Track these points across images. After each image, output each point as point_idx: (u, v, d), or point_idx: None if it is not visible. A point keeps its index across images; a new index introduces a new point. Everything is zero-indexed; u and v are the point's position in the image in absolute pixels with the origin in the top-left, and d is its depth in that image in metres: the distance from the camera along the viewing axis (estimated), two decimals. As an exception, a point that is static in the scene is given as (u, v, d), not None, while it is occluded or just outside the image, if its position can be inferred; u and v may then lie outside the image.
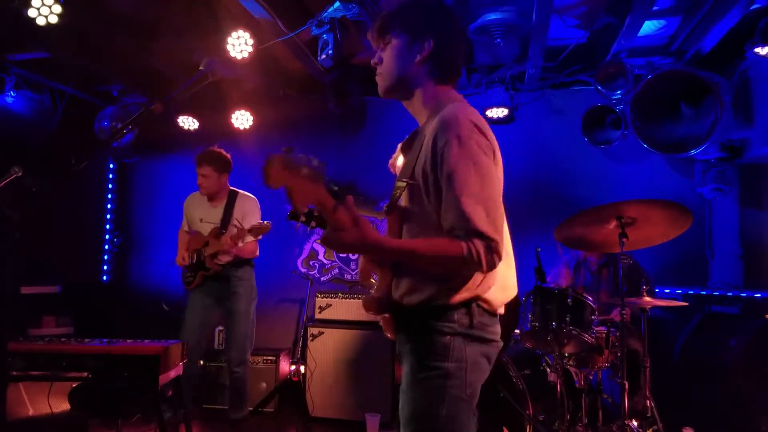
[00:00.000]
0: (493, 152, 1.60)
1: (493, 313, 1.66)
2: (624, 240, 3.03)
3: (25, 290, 4.66)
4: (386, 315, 1.72)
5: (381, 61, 1.76)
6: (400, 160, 1.95)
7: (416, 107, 1.77)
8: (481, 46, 4.53)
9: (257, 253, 4.27)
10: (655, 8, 3.70)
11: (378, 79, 1.78)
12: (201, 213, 4.23)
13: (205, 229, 4.14)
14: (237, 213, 4.15)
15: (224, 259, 4.07)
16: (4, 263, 1.66)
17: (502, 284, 1.67)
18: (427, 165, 1.59)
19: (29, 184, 3.60)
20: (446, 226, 1.54)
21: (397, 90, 1.76)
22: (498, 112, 4.87)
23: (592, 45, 4.45)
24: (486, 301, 1.63)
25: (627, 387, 3.02)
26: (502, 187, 1.63)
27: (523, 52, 4.61)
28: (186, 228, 4.35)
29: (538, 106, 5.03)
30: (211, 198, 4.22)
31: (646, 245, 3.29)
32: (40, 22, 3.38)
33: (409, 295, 1.63)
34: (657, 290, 4.20)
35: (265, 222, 3.96)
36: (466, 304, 1.60)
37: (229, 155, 4.28)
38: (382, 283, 1.70)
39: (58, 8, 3.35)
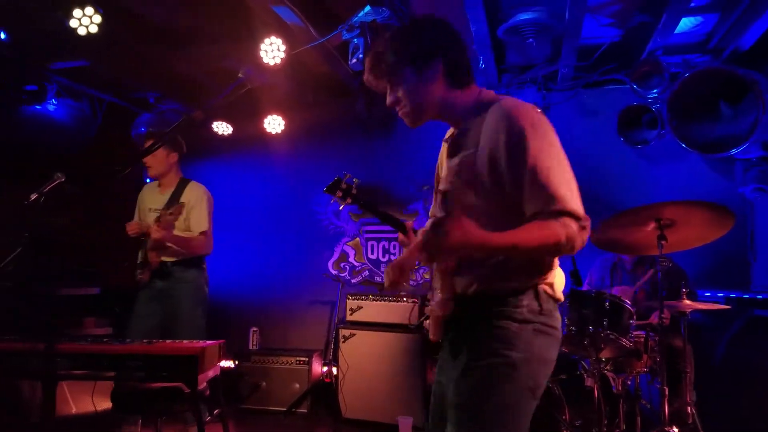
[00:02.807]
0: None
1: (556, 300, 1.66)
2: (663, 242, 2.98)
3: (66, 292, 4.79)
4: (439, 314, 1.69)
5: (397, 100, 1.74)
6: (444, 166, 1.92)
7: (453, 116, 1.76)
8: (512, 46, 4.50)
9: (207, 250, 3.89)
10: (691, 5, 3.63)
11: (402, 115, 1.77)
12: (150, 202, 3.94)
13: (152, 218, 3.76)
14: (184, 201, 3.77)
15: (168, 256, 3.76)
16: (53, 267, 1.71)
17: (559, 270, 1.69)
18: (497, 156, 1.57)
19: (71, 189, 3.72)
20: (533, 211, 1.52)
21: (427, 117, 1.77)
22: (530, 113, 4.82)
23: (626, 43, 4.38)
24: (551, 285, 1.64)
25: (667, 393, 2.96)
26: None
27: (555, 52, 4.56)
28: (137, 219, 4.03)
29: (572, 106, 4.97)
30: (161, 184, 3.94)
31: (685, 248, 3.22)
32: (81, 32, 3.48)
33: (475, 285, 1.63)
34: (698, 293, 4.11)
35: (182, 202, 3.65)
36: (534, 287, 1.61)
37: (180, 137, 3.94)
38: (447, 281, 1.67)
39: (98, 18, 3.45)
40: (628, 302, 3.17)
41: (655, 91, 4.26)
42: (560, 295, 1.68)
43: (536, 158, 1.51)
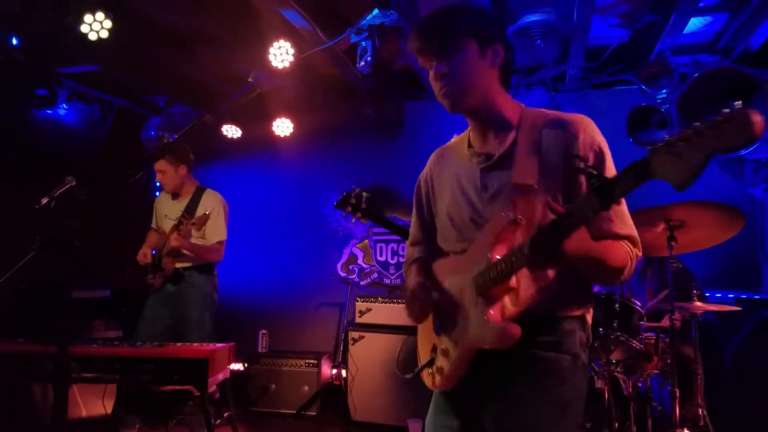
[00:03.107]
0: None
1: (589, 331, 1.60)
2: (672, 243, 2.97)
3: (76, 295, 4.82)
4: (496, 345, 1.42)
5: (447, 72, 1.53)
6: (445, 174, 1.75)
7: (491, 116, 1.60)
8: (520, 47, 4.49)
9: (218, 257, 3.98)
10: (700, 5, 3.60)
11: (445, 93, 1.56)
12: (167, 209, 4.05)
13: (169, 226, 3.91)
14: (201, 209, 3.88)
15: (182, 261, 3.84)
16: (65, 270, 1.73)
17: None
18: (567, 169, 1.47)
19: (82, 193, 3.75)
20: (614, 232, 1.47)
21: (469, 103, 1.57)
22: (538, 114, 4.82)
23: (635, 44, 4.36)
24: (591, 314, 1.59)
25: (678, 395, 2.94)
26: None
27: (563, 53, 4.55)
28: (154, 225, 4.18)
29: (580, 107, 4.95)
30: (176, 195, 4.03)
31: (695, 249, 3.21)
32: (92, 37, 3.50)
33: (530, 308, 1.47)
34: (707, 294, 4.09)
35: (207, 212, 3.70)
36: (584, 316, 1.55)
37: (186, 146, 4.00)
38: (501, 304, 1.46)
39: (108, 23, 3.47)
40: (638, 303, 3.16)
41: (664, 91, 4.24)
42: None
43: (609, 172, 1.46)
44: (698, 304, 3.05)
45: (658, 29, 3.97)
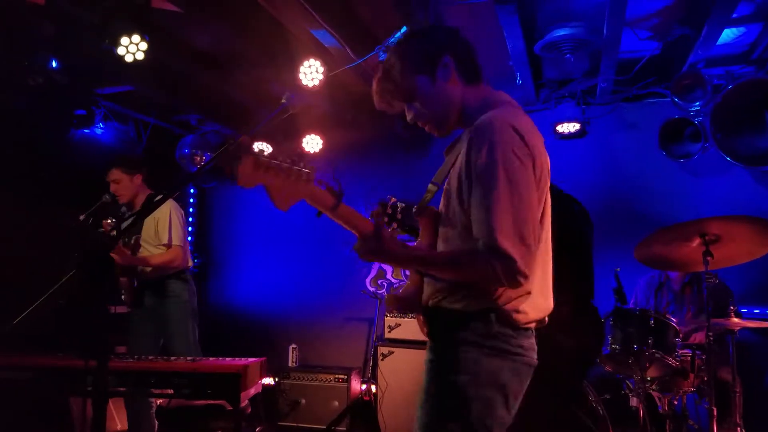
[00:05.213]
0: (533, 159, 1.49)
1: (516, 327, 1.53)
2: (708, 258, 2.91)
3: (116, 310, 4.91)
4: (419, 315, 1.73)
5: (417, 114, 1.69)
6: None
7: (468, 117, 1.67)
8: (549, 61, 4.49)
9: (181, 263, 3.81)
10: (733, 16, 3.55)
11: (427, 129, 1.72)
12: (126, 222, 3.86)
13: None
14: (150, 219, 3.78)
15: (146, 275, 3.75)
16: (103, 286, 1.78)
17: (532, 299, 1.55)
18: (462, 171, 1.53)
19: (117, 210, 3.85)
20: (474, 235, 1.47)
21: (453, 121, 1.70)
22: (569, 127, 4.78)
23: (666, 56, 4.32)
24: (507, 312, 1.52)
25: (715, 413, 2.86)
26: (542, 198, 1.54)
27: (593, 66, 4.53)
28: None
29: (611, 120, 4.91)
30: (131, 206, 3.89)
31: (731, 264, 3.15)
32: (128, 59, 3.60)
33: (430, 298, 1.63)
34: (745, 311, 3.98)
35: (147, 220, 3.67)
36: (483, 313, 1.52)
37: (138, 154, 3.90)
38: (410, 284, 1.72)
39: (144, 45, 3.57)
40: (674, 320, 3.10)
41: (697, 103, 4.18)
42: (528, 323, 1.56)
43: (481, 180, 1.45)
44: (735, 320, 2.97)
45: (690, 41, 3.92)
